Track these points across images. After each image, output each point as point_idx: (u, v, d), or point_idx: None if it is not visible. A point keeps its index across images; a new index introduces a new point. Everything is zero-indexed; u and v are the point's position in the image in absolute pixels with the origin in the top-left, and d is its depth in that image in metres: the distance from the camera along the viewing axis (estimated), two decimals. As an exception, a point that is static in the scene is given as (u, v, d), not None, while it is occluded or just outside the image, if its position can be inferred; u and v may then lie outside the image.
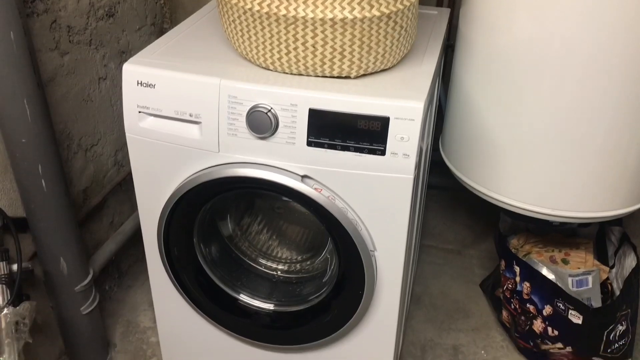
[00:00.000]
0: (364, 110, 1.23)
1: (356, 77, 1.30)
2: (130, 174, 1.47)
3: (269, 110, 1.26)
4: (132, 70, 1.33)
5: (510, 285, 1.78)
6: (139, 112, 1.35)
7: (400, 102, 1.22)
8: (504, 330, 1.94)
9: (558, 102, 1.43)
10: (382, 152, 1.25)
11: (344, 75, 1.29)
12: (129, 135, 1.39)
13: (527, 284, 1.72)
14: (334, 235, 1.37)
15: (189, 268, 1.53)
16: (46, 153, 1.44)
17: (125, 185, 2.01)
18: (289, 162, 1.31)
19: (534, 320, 1.73)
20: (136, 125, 1.37)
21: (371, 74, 1.32)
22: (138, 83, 1.33)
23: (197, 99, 1.30)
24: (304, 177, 1.32)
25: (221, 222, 1.64)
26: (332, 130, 1.25)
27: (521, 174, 1.55)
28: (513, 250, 1.85)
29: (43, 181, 1.46)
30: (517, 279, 1.75)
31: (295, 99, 1.25)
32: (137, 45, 1.96)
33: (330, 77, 1.30)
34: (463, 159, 1.68)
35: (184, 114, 1.32)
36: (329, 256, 1.59)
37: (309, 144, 1.28)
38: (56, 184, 1.50)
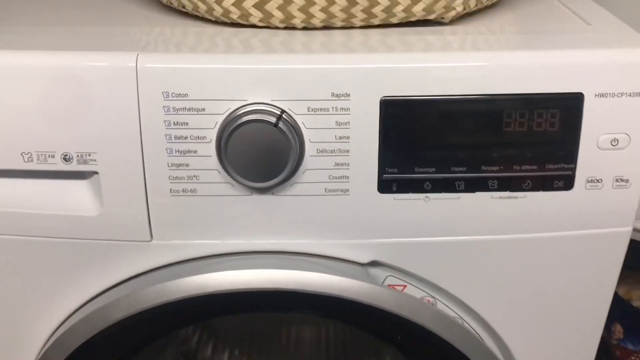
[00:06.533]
0: (520, 87, 0.52)
1: (453, 21, 0.59)
2: None
3: (280, 118, 0.51)
4: None
5: (636, 363, 1.14)
6: None
7: (606, 54, 0.52)
8: None
9: None
10: (568, 182, 0.54)
11: (432, 19, 0.57)
12: None
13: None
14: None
15: None
16: None
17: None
18: (332, 238, 0.56)
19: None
20: None
21: (476, 12, 0.62)
22: None
23: (80, 115, 0.52)
24: (368, 265, 0.58)
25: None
26: (440, 144, 0.53)
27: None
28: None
29: None
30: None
31: (346, 81, 0.51)
32: None
33: (397, 25, 0.58)
34: None
35: (48, 158, 0.53)
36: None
37: (384, 185, 0.54)
38: None
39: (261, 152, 0.51)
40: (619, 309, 1.23)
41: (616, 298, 1.23)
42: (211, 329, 0.94)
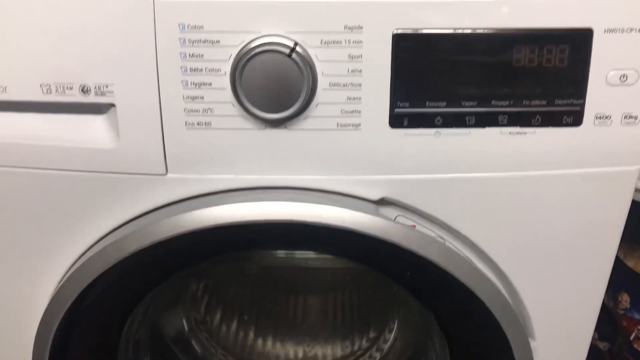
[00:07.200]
0: (530, 22, 0.53)
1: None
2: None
3: (293, 49, 0.52)
4: None
5: (643, 333, 1.14)
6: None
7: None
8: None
9: None
10: (577, 117, 0.55)
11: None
12: None
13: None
14: (444, 312, 0.65)
15: None
16: None
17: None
18: (344, 173, 0.58)
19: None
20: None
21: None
22: None
23: (98, 48, 0.53)
24: (380, 202, 0.59)
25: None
26: (451, 79, 0.54)
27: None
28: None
29: None
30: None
31: (358, 14, 0.52)
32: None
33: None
34: None
35: (66, 90, 0.54)
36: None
37: (396, 120, 0.55)
38: None
39: (274, 83, 0.52)
40: (627, 279, 1.23)
41: (625, 269, 1.24)
42: (219, 294, 0.95)
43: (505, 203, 0.59)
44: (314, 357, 0.95)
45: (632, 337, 1.21)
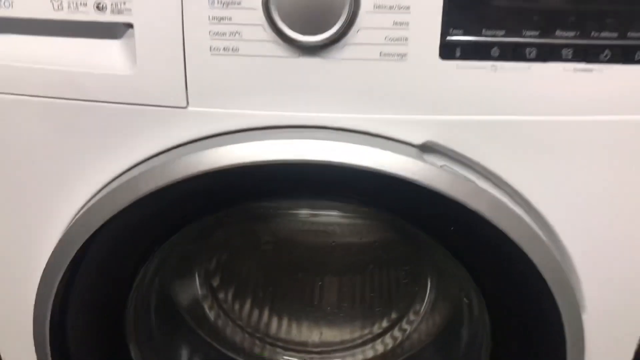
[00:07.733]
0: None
1: None
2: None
3: (335, -36, 0.46)
4: None
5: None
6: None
7: None
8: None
9: None
10: (652, 52, 0.49)
11: None
12: None
13: None
14: (488, 275, 0.59)
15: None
16: None
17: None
18: (384, 112, 0.52)
19: None
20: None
21: None
22: None
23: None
24: (423, 148, 0.53)
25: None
26: (511, 3, 0.48)
27: None
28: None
29: None
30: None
31: None
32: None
33: None
34: None
35: (80, 6, 0.49)
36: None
37: (447, 50, 0.49)
38: None
39: (311, 3, 0.47)
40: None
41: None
42: (234, 270, 0.89)
43: (567, 153, 0.52)
44: (333, 336, 0.90)
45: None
